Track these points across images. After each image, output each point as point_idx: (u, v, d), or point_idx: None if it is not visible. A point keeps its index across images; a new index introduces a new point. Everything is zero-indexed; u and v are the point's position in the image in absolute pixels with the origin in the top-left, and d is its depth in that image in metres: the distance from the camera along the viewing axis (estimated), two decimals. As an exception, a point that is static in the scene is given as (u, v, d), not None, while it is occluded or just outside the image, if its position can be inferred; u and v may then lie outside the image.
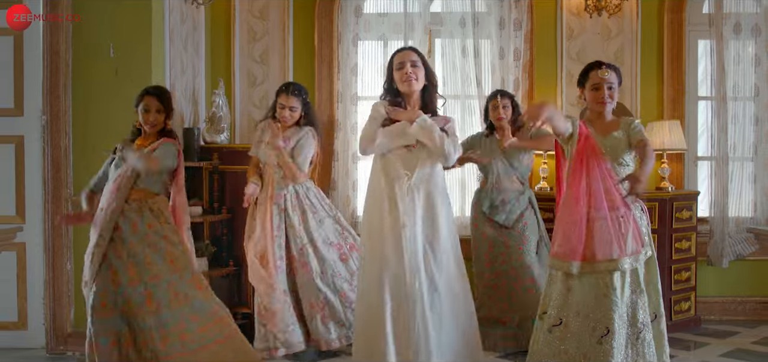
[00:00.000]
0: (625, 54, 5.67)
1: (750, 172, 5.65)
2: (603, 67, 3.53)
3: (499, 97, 4.77)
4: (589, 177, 3.35)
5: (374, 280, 3.60)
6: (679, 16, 5.68)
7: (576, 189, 3.37)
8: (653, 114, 5.65)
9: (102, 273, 3.61)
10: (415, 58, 3.70)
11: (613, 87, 3.51)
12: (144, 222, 3.69)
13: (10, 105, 4.74)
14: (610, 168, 3.39)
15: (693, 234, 5.30)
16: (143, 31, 4.66)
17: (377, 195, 3.69)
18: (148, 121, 3.81)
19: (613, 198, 3.34)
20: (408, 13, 5.66)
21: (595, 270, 3.32)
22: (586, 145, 3.37)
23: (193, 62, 5.40)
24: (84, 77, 4.67)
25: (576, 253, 3.33)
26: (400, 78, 3.67)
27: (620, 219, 3.35)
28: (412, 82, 3.65)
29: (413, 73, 3.65)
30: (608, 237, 3.31)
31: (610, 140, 3.46)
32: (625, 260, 3.32)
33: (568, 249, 3.35)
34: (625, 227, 3.35)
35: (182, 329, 3.61)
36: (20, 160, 4.76)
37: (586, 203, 3.34)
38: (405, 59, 3.69)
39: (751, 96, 5.60)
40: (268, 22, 5.80)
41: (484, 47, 5.64)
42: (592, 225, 3.33)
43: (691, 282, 5.31)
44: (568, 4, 5.69)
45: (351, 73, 5.69)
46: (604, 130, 3.50)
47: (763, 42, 5.55)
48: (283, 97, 4.45)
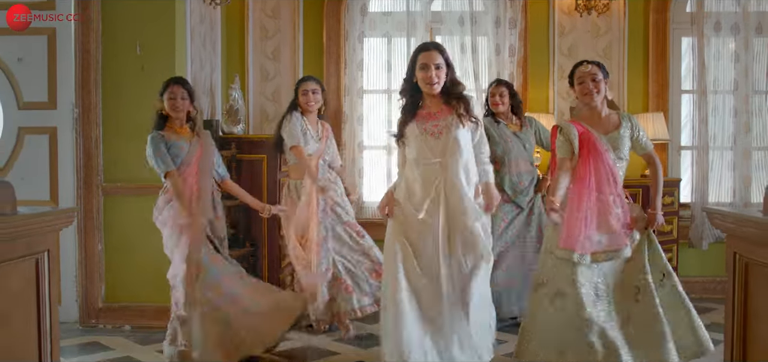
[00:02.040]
0: (613, 50, 6.07)
1: (729, 160, 6.05)
2: (585, 62, 3.75)
3: (495, 86, 5.13)
4: (595, 167, 3.58)
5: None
6: (663, 15, 6.08)
7: (581, 185, 3.60)
8: (639, 106, 6.06)
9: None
10: (439, 60, 3.59)
11: (597, 78, 3.67)
12: None
13: (45, 99, 5.13)
14: (613, 163, 3.61)
15: (675, 219, 5.70)
16: (167, 31, 5.06)
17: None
18: (176, 106, 4.18)
19: (613, 191, 3.59)
20: (410, 12, 6.05)
21: (599, 260, 3.57)
22: (585, 138, 3.62)
23: (210, 59, 5.80)
24: (113, 73, 5.07)
25: (582, 246, 3.54)
26: (423, 79, 3.58)
27: (621, 210, 3.61)
28: (434, 86, 3.58)
29: (436, 76, 3.57)
30: (612, 228, 3.56)
31: (611, 138, 3.66)
32: (626, 248, 3.60)
33: (575, 241, 3.55)
34: (624, 218, 3.61)
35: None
36: (54, 150, 5.16)
37: (593, 198, 3.57)
38: (429, 62, 3.58)
39: (731, 90, 6.00)
40: (279, 20, 6.20)
41: (482, 44, 6.04)
42: (597, 219, 3.57)
43: (673, 263, 5.70)
44: (560, 4, 6.08)
45: (357, 69, 6.09)
46: (604, 129, 3.69)
47: (741, 39, 5.94)
48: (306, 83, 4.85)
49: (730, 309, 2.74)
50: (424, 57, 3.60)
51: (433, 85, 3.57)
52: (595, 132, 3.65)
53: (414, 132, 3.63)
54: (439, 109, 3.64)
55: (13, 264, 2.55)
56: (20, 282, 2.62)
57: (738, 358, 2.71)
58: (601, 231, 3.58)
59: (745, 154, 5.97)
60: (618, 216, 3.59)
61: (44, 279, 2.72)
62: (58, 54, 5.08)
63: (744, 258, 2.65)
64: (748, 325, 2.65)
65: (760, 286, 2.57)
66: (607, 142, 3.64)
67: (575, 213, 3.59)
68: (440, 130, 3.59)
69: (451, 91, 3.63)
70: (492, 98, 5.11)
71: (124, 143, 5.02)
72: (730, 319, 2.75)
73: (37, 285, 2.70)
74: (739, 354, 2.70)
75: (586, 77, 3.70)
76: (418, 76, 3.60)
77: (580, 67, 3.76)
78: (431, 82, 3.57)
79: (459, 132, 3.58)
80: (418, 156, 3.62)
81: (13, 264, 2.55)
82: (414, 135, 3.63)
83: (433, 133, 3.59)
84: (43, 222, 2.69)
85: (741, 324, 2.68)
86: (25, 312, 2.64)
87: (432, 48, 3.65)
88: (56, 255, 2.84)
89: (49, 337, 2.75)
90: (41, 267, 2.71)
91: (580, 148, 3.64)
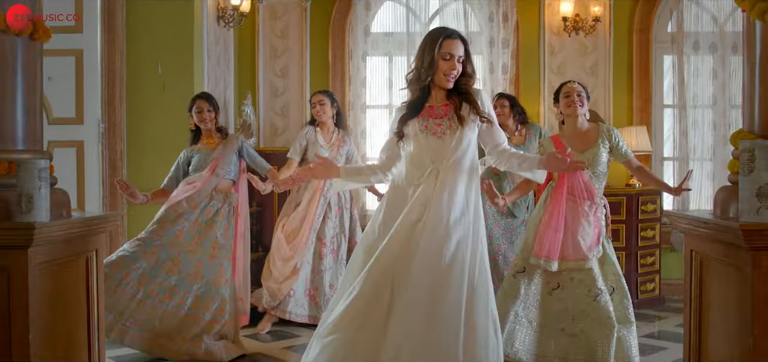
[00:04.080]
0: (599, 68, 6.51)
1: (709, 171, 6.47)
2: (570, 81, 4.14)
3: (497, 99, 5.42)
4: (569, 184, 3.90)
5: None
6: (646, 35, 6.52)
7: (556, 198, 3.92)
8: (623, 120, 6.49)
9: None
10: (461, 52, 3.16)
11: (581, 94, 4.01)
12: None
13: (73, 115, 5.54)
14: (588, 180, 3.93)
15: (657, 225, 6.12)
16: (186, 52, 5.50)
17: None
18: (203, 118, 4.63)
19: (588, 205, 3.92)
20: (410, 33, 6.49)
21: (568, 268, 3.93)
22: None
23: (224, 76, 6.23)
24: (136, 91, 5.50)
25: (554, 253, 3.88)
26: (445, 70, 3.13)
27: (592, 222, 3.94)
28: (451, 82, 3.17)
29: (457, 71, 3.16)
30: (579, 241, 3.90)
31: (589, 155, 3.94)
32: (590, 260, 3.94)
33: (548, 250, 3.89)
34: (594, 229, 3.95)
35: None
36: (80, 162, 5.56)
37: (565, 211, 3.89)
38: (454, 52, 3.13)
39: (710, 104, 6.43)
40: (288, 40, 6.64)
41: (476, 63, 6.32)
42: (568, 230, 3.90)
43: (655, 266, 6.13)
44: (550, 25, 6.52)
45: (361, 85, 6.52)
46: (583, 146, 3.97)
47: (719, 58, 6.37)
48: (314, 96, 5.34)
49: (688, 300, 3.14)
50: (449, 45, 3.13)
51: (451, 80, 3.17)
52: (573, 150, 3.90)
53: (414, 129, 3.22)
54: (443, 103, 3.22)
55: (70, 261, 2.97)
56: (75, 277, 3.03)
57: (695, 344, 3.11)
58: (569, 242, 3.90)
59: (723, 164, 6.33)
60: (586, 231, 3.92)
61: (93, 275, 3.14)
62: (86, 73, 5.48)
63: (699, 255, 3.06)
64: (703, 315, 3.05)
65: (712, 280, 2.97)
66: (584, 159, 3.87)
67: (549, 223, 3.92)
68: (444, 130, 3.18)
69: (461, 86, 3.21)
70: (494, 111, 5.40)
71: (146, 156, 5.46)
72: (687, 309, 3.15)
73: (87, 281, 3.12)
74: (696, 340, 3.10)
75: (572, 93, 4.06)
76: (440, 66, 3.13)
77: (568, 84, 4.14)
78: (451, 79, 3.15)
79: (464, 133, 3.19)
80: (414, 159, 3.22)
81: (70, 262, 2.98)
82: (413, 132, 3.22)
83: (436, 133, 3.18)
84: (94, 225, 3.11)
85: (697, 314, 3.08)
86: (77, 303, 3.06)
87: (457, 37, 3.17)
88: (102, 254, 3.26)
89: (98, 326, 3.18)
90: (91, 265, 3.13)
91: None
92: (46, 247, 2.72)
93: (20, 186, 2.65)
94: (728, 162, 3.06)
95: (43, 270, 2.72)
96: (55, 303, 2.83)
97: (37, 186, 2.65)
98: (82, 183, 5.58)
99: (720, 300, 2.87)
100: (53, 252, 2.79)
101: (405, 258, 3.05)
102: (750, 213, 2.56)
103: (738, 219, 2.63)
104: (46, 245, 2.72)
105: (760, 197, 2.54)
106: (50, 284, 2.79)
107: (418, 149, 3.20)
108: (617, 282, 4.03)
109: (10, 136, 2.83)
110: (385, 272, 3.06)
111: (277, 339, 4.96)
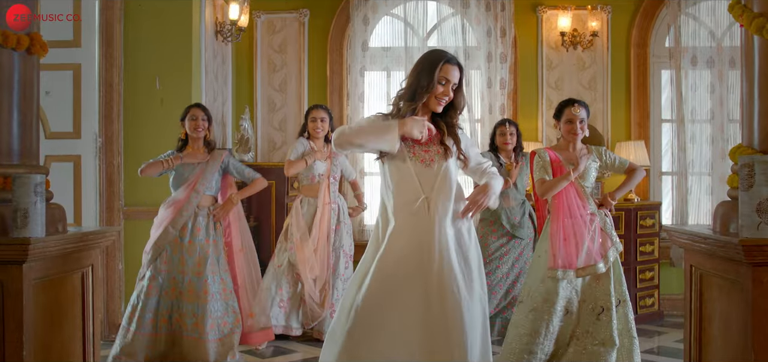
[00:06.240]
0: (597, 83, 6.52)
1: (707, 185, 6.47)
2: (575, 104, 4.01)
3: (507, 125, 5.43)
4: (566, 193, 3.96)
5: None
6: (644, 50, 6.54)
7: (557, 209, 3.96)
8: (622, 135, 6.49)
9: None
10: (457, 79, 3.11)
11: (584, 120, 4.01)
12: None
13: (70, 129, 5.53)
14: (580, 190, 3.98)
15: (656, 240, 6.10)
16: (184, 66, 5.49)
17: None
18: (197, 127, 4.61)
19: (584, 215, 3.96)
20: (408, 48, 6.50)
21: (579, 275, 3.93)
22: (556, 166, 4.00)
23: (222, 91, 6.23)
24: (134, 105, 5.49)
25: (569, 263, 3.92)
26: (438, 94, 3.06)
27: (594, 232, 3.97)
28: (442, 106, 3.10)
29: (449, 97, 3.10)
30: (588, 245, 3.92)
31: (580, 169, 3.98)
32: (600, 264, 3.96)
33: (561, 260, 3.92)
34: (597, 237, 3.98)
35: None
36: (78, 176, 5.54)
37: (569, 219, 3.93)
38: (451, 78, 3.07)
39: (707, 119, 6.44)
40: (286, 55, 6.64)
41: (474, 77, 6.49)
42: (575, 238, 3.92)
43: (654, 281, 6.11)
44: (548, 40, 6.53)
45: (359, 100, 6.52)
46: (575, 160, 4.01)
47: (716, 72, 6.38)
48: (315, 111, 5.30)
49: (688, 316, 3.14)
50: (448, 70, 3.06)
51: (442, 105, 3.10)
52: (565, 162, 4.00)
53: (402, 154, 3.07)
54: (428, 129, 3.09)
55: (65, 276, 2.96)
56: (70, 293, 3.01)
57: (695, 359, 3.10)
58: (579, 248, 3.94)
59: (722, 179, 6.36)
60: (592, 235, 3.95)
61: (89, 290, 3.12)
62: (83, 88, 5.48)
63: (699, 270, 3.05)
64: (703, 330, 3.05)
65: (712, 295, 2.97)
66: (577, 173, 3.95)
67: (557, 235, 3.95)
68: (432, 157, 3.08)
69: (448, 117, 3.15)
70: (501, 137, 5.38)
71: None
72: (687, 325, 3.14)
73: (83, 296, 3.10)
74: (696, 356, 3.09)
75: (575, 120, 4.03)
76: (435, 90, 3.04)
77: (571, 108, 4.03)
78: (442, 101, 3.08)
79: (449, 163, 3.11)
80: (401, 188, 3.07)
81: (65, 277, 2.96)
82: (400, 157, 3.08)
83: (424, 160, 3.07)
84: (89, 240, 3.09)
85: (697, 329, 3.08)
86: (73, 318, 3.04)
87: (456, 63, 3.10)
88: (98, 270, 3.24)
89: (93, 341, 3.15)
90: (86, 280, 3.11)
91: (552, 173, 4.01)
92: (41, 263, 2.70)
93: (15, 201, 2.63)
94: (727, 176, 3.05)
95: (38, 286, 2.70)
96: (50, 319, 2.81)
97: (32, 201, 2.63)
98: (79, 197, 5.56)
99: (720, 316, 2.86)
100: (48, 268, 2.77)
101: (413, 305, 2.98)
102: (750, 229, 2.55)
103: (738, 234, 2.62)
104: (42, 260, 2.70)
105: (760, 212, 2.54)
106: (45, 299, 2.77)
107: (408, 177, 3.06)
108: (623, 295, 4.04)
109: (5, 150, 2.81)
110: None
111: (277, 355, 4.93)
